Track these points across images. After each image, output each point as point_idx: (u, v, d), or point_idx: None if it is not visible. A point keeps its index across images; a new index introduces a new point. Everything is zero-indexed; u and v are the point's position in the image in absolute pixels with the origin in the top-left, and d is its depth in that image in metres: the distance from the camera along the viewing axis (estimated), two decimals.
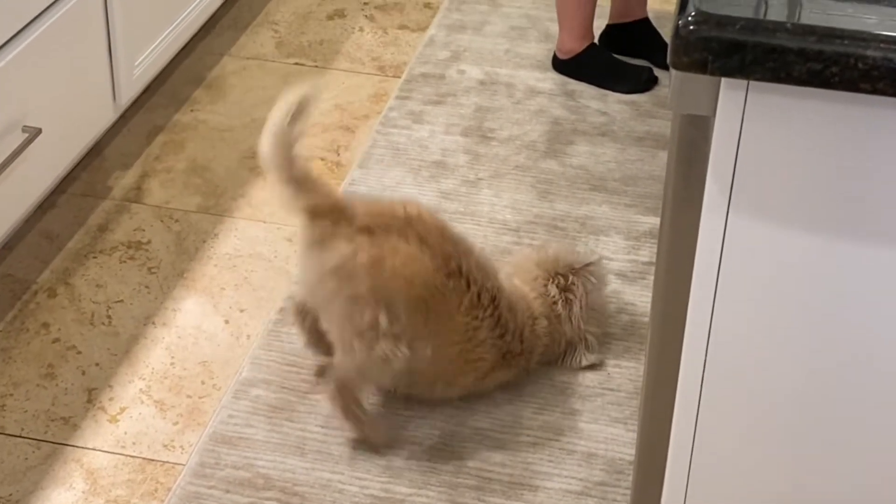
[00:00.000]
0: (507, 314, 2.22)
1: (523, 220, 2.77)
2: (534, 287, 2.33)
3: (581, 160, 2.97)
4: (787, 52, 1.14)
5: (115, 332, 2.47)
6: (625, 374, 2.38)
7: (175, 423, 2.28)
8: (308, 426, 2.26)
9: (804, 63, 1.14)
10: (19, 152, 2.41)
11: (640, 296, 2.55)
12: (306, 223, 2.09)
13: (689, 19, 1.16)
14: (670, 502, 1.48)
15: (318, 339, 2.27)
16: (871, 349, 1.33)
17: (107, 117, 2.85)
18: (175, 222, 2.77)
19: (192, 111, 3.16)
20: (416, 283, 2.09)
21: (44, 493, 2.15)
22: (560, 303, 2.32)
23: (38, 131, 2.47)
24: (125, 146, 3.02)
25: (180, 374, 2.38)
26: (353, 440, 2.21)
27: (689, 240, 1.32)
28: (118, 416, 2.29)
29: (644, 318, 2.48)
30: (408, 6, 3.66)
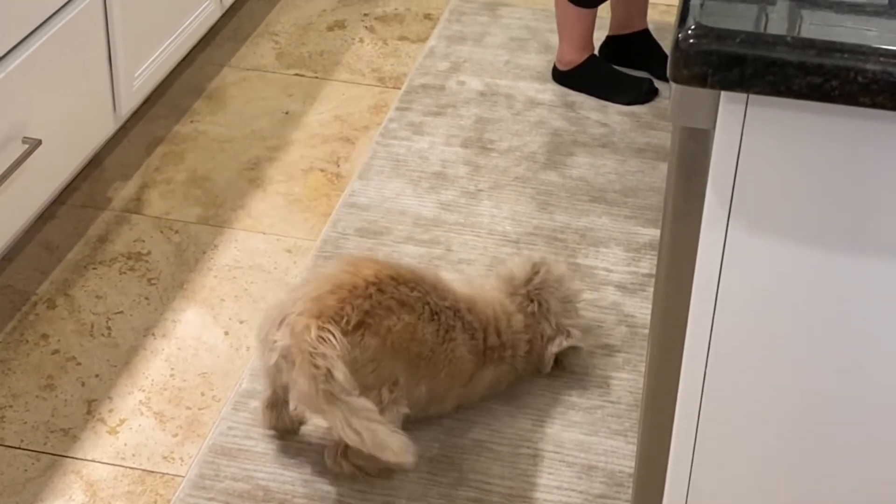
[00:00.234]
0: (469, 315, 2.23)
1: (523, 231, 2.77)
2: (504, 295, 2.35)
3: (581, 171, 2.97)
4: (787, 66, 1.14)
5: (114, 344, 2.47)
6: (624, 386, 2.38)
7: (175, 435, 2.28)
8: (307, 438, 2.25)
9: (804, 76, 1.14)
10: (20, 163, 2.41)
11: (639, 308, 2.55)
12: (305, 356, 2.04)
13: (689, 32, 1.16)
14: None
15: (288, 423, 2.25)
16: (871, 361, 1.32)
17: (107, 128, 2.86)
18: (175, 233, 2.77)
19: (192, 122, 3.16)
20: (411, 348, 2.12)
21: None
22: (532, 305, 2.33)
23: (39, 142, 2.47)
24: (125, 157, 3.02)
25: (180, 386, 2.38)
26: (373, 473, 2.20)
27: (689, 252, 1.32)
28: (118, 428, 2.29)
29: (644, 330, 2.48)
30: (408, 17, 3.66)
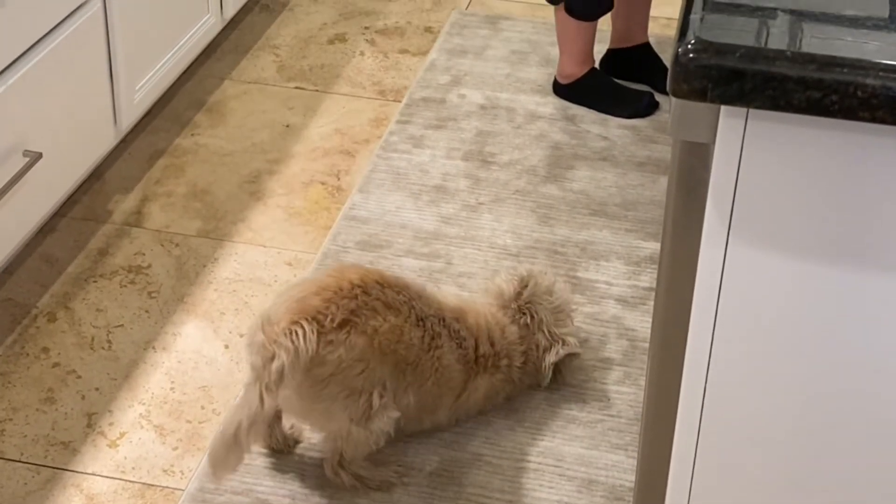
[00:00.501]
0: (456, 325, 2.23)
1: (524, 244, 2.77)
2: (496, 309, 2.35)
3: (582, 185, 2.97)
4: (787, 81, 1.14)
5: (115, 357, 2.47)
6: (625, 399, 2.37)
7: (175, 448, 2.28)
8: (307, 452, 2.25)
9: (804, 91, 1.14)
10: (20, 176, 2.41)
11: (640, 321, 2.55)
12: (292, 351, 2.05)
13: (689, 47, 1.16)
14: None
15: (281, 441, 2.25)
16: (871, 376, 1.32)
17: (107, 141, 2.86)
18: (175, 246, 2.77)
19: (192, 135, 3.16)
20: (398, 350, 2.12)
21: None
22: (525, 317, 2.33)
23: (39, 155, 2.47)
24: (126, 170, 3.02)
25: (180, 399, 2.38)
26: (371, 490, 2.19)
27: (690, 266, 1.32)
28: (118, 441, 2.29)
29: (644, 344, 2.48)
30: (408, 30, 3.67)
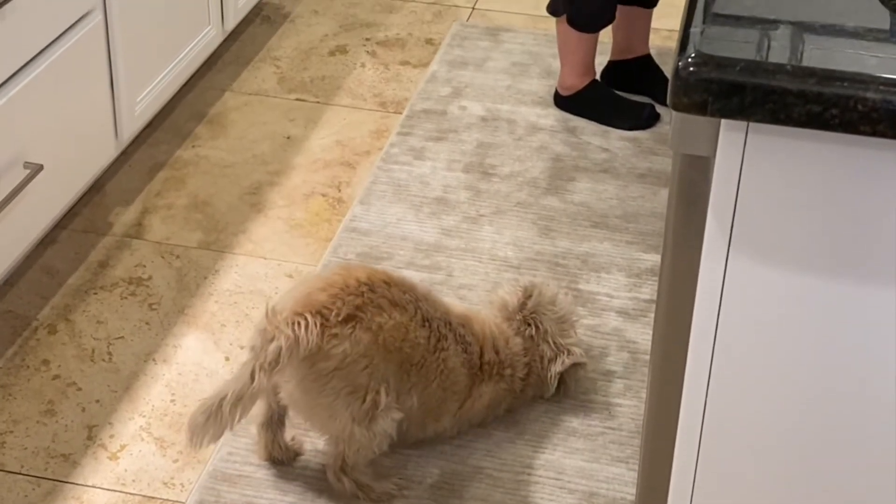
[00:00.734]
0: (461, 329, 2.23)
1: (524, 256, 2.77)
2: (500, 320, 2.36)
3: (582, 197, 2.97)
4: (787, 94, 1.14)
5: (115, 369, 2.46)
6: (626, 412, 2.37)
7: (175, 461, 2.27)
8: (308, 464, 2.25)
9: (804, 105, 1.14)
10: (21, 188, 2.41)
11: (641, 333, 2.55)
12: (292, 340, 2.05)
13: (689, 60, 1.17)
14: None
15: (283, 450, 2.25)
16: (870, 388, 1.32)
17: (108, 153, 2.86)
18: (176, 258, 2.77)
19: (193, 147, 3.16)
20: (403, 349, 2.12)
21: None
22: (529, 328, 2.33)
23: (40, 167, 2.47)
24: (126, 182, 3.02)
25: (181, 412, 2.37)
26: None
27: (690, 279, 1.32)
28: (118, 454, 2.28)
29: (645, 356, 2.47)
30: (409, 42, 3.67)
